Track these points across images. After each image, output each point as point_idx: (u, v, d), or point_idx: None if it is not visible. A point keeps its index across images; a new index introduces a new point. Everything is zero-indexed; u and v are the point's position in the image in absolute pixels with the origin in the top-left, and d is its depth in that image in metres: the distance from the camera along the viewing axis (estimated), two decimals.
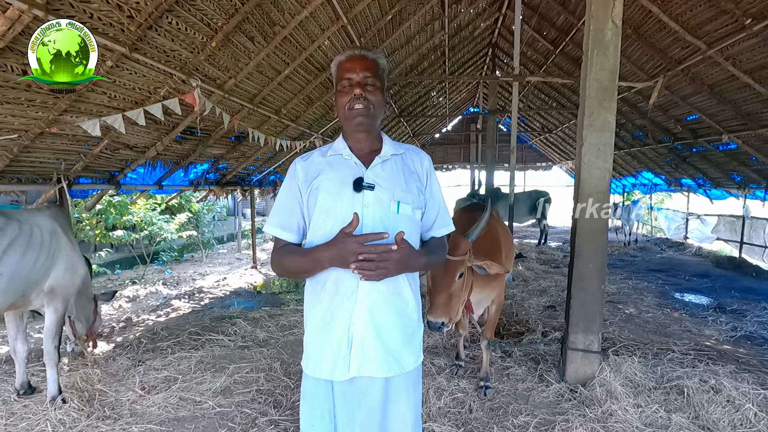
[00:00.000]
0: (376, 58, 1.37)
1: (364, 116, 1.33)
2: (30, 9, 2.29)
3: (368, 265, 1.18)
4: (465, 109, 16.82)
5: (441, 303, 2.15)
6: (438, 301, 2.14)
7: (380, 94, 1.36)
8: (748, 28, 4.40)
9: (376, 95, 1.34)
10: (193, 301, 5.98)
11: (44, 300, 2.92)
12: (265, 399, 3.06)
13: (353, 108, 1.32)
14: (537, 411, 2.88)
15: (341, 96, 1.34)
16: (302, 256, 1.32)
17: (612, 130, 3.13)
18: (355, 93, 1.31)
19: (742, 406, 2.78)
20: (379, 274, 1.21)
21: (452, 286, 2.22)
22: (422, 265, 1.36)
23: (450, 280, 2.21)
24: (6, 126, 3.12)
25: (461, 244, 2.28)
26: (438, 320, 2.12)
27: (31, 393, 3.05)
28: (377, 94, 1.34)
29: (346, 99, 1.33)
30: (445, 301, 2.16)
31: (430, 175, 1.46)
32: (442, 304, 2.15)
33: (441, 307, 2.15)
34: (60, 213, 3.18)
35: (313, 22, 4.66)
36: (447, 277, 2.20)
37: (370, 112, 1.34)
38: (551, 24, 7.70)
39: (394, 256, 1.19)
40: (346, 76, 1.33)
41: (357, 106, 1.32)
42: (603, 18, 3.04)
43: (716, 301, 5.67)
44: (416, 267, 1.34)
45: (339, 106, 1.36)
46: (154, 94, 3.80)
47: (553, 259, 8.53)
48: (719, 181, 8.48)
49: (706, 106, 6.30)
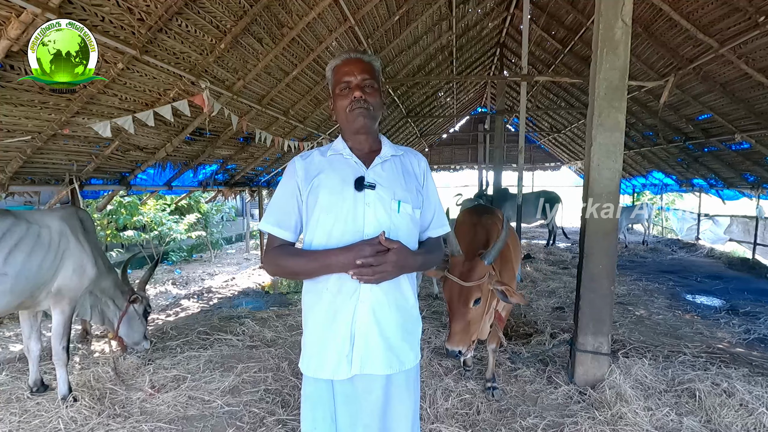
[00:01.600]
0: (371, 61, 1.40)
1: (365, 117, 1.37)
2: (43, 12, 2.33)
3: (366, 271, 1.24)
4: (473, 110, 16.76)
5: (458, 331, 2.07)
6: (455, 329, 2.07)
7: (378, 95, 1.40)
8: (761, 26, 4.33)
9: (374, 97, 1.38)
10: (201, 300, 6.03)
11: (50, 301, 2.92)
12: (272, 398, 3.07)
13: (354, 110, 1.35)
14: (545, 413, 2.86)
15: (341, 99, 1.37)
16: (309, 259, 1.31)
17: (622, 129, 3.10)
18: (356, 96, 1.34)
19: (755, 410, 2.73)
20: (377, 278, 1.27)
21: (469, 314, 2.11)
22: (419, 265, 1.39)
23: (465, 308, 2.10)
24: (20, 128, 3.17)
25: (477, 267, 2.14)
26: (455, 348, 2.06)
27: (44, 390, 3.10)
28: (375, 96, 1.38)
29: (346, 102, 1.36)
30: (462, 329, 2.08)
31: (427, 176, 1.50)
32: (460, 332, 2.08)
33: (459, 335, 2.07)
34: (71, 214, 3.15)
35: (321, 23, 4.68)
36: (462, 304, 2.10)
37: (370, 114, 1.38)
38: (560, 23, 7.64)
39: (391, 258, 1.25)
40: (344, 80, 1.36)
41: (357, 109, 1.35)
42: (613, 16, 3.01)
43: (729, 303, 5.57)
44: (413, 267, 1.36)
45: (339, 109, 1.39)
46: (164, 95, 3.84)
47: (561, 260, 8.46)
48: (732, 181, 8.35)
49: (718, 104, 6.21)
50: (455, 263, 2.18)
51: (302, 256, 1.34)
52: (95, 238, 3.31)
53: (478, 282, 2.11)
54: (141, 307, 3.56)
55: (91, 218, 3.45)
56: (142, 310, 3.56)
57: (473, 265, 2.13)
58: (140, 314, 3.55)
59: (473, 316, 2.13)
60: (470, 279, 2.10)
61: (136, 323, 3.53)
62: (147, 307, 3.67)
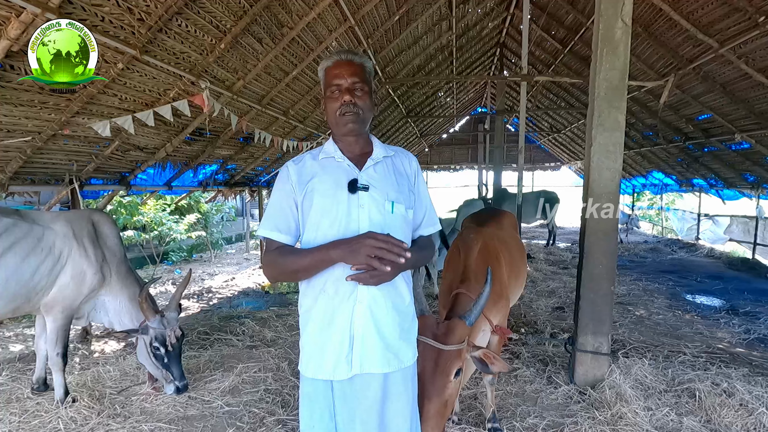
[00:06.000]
0: (362, 62, 1.40)
1: (355, 122, 1.38)
2: (43, 13, 2.33)
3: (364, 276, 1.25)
4: (473, 110, 16.75)
5: (433, 414, 1.60)
6: (429, 413, 1.59)
7: (369, 98, 1.40)
8: (761, 26, 4.33)
9: (364, 100, 1.38)
10: (201, 300, 6.03)
11: (42, 308, 2.78)
12: (272, 398, 3.07)
13: (344, 114, 1.36)
14: (545, 413, 2.86)
15: (331, 102, 1.38)
16: (308, 253, 1.32)
17: (622, 129, 3.10)
18: (345, 100, 1.35)
19: (755, 410, 2.73)
20: (376, 281, 1.27)
21: (446, 390, 1.64)
22: (412, 263, 1.39)
23: (444, 381, 1.63)
24: (20, 128, 3.17)
25: (457, 328, 1.68)
26: None
27: (44, 390, 3.10)
28: (366, 99, 1.38)
29: (336, 105, 1.37)
30: (437, 411, 1.61)
31: (418, 176, 1.52)
32: (435, 415, 1.60)
33: (433, 419, 1.59)
34: (80, 217, 2.98)
35: (321, 23, 4.68)
36: (440, 378, 1.62)
37: (360, 117, 1.38)
38: (560, 23, 7.64)
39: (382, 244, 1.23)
40: (334, 83, 1.37)
41: (347, 112, 1.36)
42: (613, 16, 3.01)
43: (729, 303, 5.57)
44: (407, 265, 1.36)
45: (329, 112, 1.40)
46: (164, 95, 3.84)
47: (561, 260, 8.46)
48: (732, 181, 8.35)
49: (718, 104, 6.21)
50: (427, 324, 1.67)
51: (299, 252, 1.35)
52: (113, 244, 3.07)
53: (459, 347, 1.68)
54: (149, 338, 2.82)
55: (111, 222, 3.18)
56: (149, 342, 2.82)
57: (453, 325, 1.69)
58: (149, 347, 2.83)
59: (450, 393, 1.67)
60: (450, 341, 1.66)
61: (147, 359, 2.90)
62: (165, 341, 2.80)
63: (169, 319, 2.89)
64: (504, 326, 2.21)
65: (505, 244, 2.80)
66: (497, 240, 2.70)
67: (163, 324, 2.85)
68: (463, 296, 2.02)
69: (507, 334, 2.20)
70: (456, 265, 2.33)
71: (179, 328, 2.93)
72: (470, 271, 2.20)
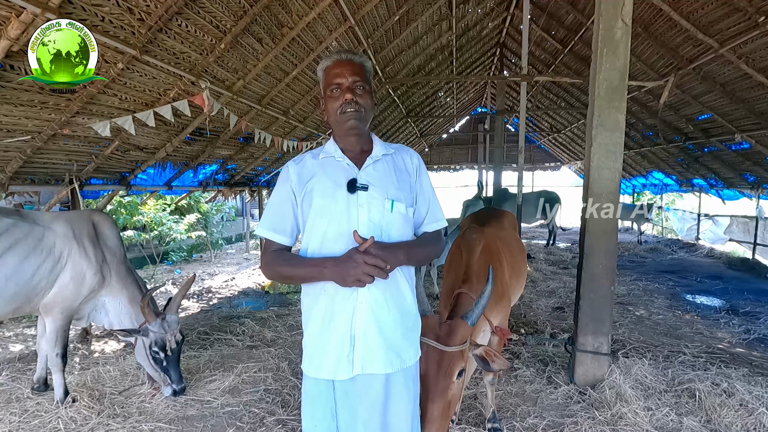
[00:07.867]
0: (362, 62, 1.41)
1: (356, 120, 1.38)
2: (43, 12, 2.33)
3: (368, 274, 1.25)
4: (473, 110, 16.75)
5: (437, 416, 1.55)
6: (433, 414, 1.55)
7: (369, 97, 1.41)
8: (761, 26, 4.33)
9: (365, 99, 1.38)
10: (201, 300, 6.03)
11: (42, 308, 2.77)
12: (272, 398, 3.07)
13: (345, 112, 1.37)
14: (545, 413, 2.86)
15: (332, 101, 1.38)
16: (302, 266, 1.34)
17: (622, 129, 3.10)
18: (346, 98, 1.35)
19: (755, 410, 2.73)
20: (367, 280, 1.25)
21: (450, 391, 1.62)
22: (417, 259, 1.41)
23: (447, 382, 1.60)
24: (20, 128, 3.18)
25: (459, 329, 1.65)
26: None
27: (44, 390, 3.10)
28: (366, 98, 1.39)
29: (337, 104, 1.37)
30: (441, 413, 1.57)
31: (420, 172, 1.50)
32: (438, 417, 1.56)
33: (437, 421, 1.55)
34: (81, 217, 2.97)
35: (321, 23, 4.68)
36: (443, 379, 1.60)
37: (361, 116, 1.39)
38: (560, 23, 7.64)
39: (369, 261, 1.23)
40: (335, 82, 1.37)
41: (349, 111, 1.36)
42: (613, 16, 3.01)
43: (729, 303, 5.57)
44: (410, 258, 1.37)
45: (330, 111, 1.40)
46: (164, 95, 3.84)
47: (561, 260, 8.46)
48: (732, 181, 8.35)
49: (718, 105, 6.21)
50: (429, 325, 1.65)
51: (296, 262, 1.36)
52: (114, 244, 3.06)
53: (461, 347, 1.65)
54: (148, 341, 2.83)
55: (111, 222, 3.16)
56: (149, 345, 2.83)
57: (455, 326, 1.66)
58: (148, 350, 2.84)
59: (454, 394, 1.65)
60: (451, 342, 1.62)
61: (145, 360, 2.91)
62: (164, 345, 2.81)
63: (170, 323, 2.90)
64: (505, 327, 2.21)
65: (507, 245, 2.80)
66: (499, 240, 2.69)
67: (163, 328, 2.86)
68: (465, 296, 2.02)
69: (507, 335, 2.19)
70: (458, 265, 2.32)
71: (179, 332, 2.94)
72: (472, 271, 2.19)
